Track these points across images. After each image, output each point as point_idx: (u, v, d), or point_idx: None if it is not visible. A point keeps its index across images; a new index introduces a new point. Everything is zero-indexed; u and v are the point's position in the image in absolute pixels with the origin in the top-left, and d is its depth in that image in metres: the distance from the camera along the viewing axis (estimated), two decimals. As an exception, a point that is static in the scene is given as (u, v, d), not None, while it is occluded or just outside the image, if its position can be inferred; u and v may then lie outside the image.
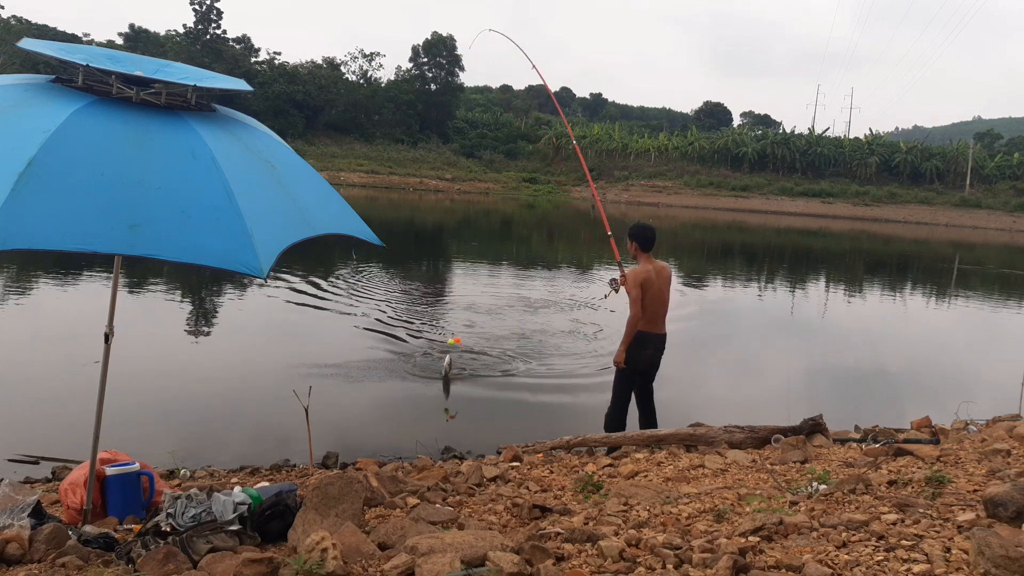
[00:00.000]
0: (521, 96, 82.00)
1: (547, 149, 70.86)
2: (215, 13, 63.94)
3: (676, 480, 4.16)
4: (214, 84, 2.82)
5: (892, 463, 4.07)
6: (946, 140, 76.50)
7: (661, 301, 5.44)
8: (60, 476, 4.74)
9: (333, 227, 2.94)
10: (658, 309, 5.43)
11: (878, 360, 10.24)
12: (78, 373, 6.81)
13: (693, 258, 25.16)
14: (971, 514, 2.71)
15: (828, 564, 2.33)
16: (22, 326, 9.27)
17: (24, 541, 2.82)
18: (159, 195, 2.36)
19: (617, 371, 5.52)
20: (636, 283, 5.30)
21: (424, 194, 52.79)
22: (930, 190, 60.32)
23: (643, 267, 5.40)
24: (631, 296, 5.34)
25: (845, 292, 18.64)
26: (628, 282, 5.39)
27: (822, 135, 69.27)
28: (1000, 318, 15.71)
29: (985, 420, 5.92)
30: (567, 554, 2.62)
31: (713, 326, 12.20)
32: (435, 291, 14.59)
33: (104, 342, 3.16)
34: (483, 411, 6.91)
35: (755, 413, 6.57)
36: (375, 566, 2.52)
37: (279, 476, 4.84)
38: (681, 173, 65.80)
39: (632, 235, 5.47)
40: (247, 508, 3.08)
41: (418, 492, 4.02)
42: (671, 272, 5.60)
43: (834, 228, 45.19)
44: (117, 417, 5.47)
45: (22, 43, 2.76)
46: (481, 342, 9.55)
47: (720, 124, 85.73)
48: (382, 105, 68.30)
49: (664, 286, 5.44)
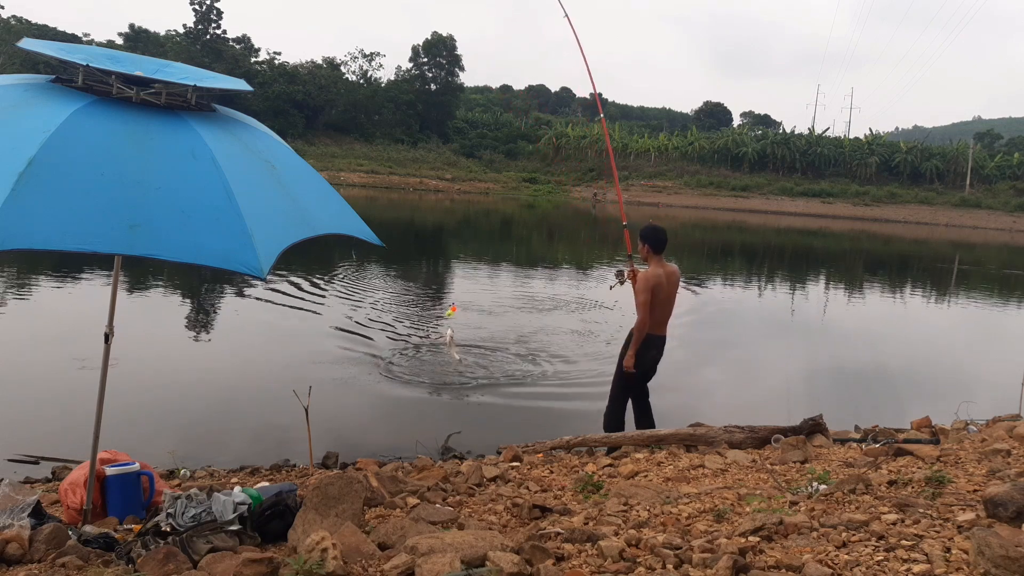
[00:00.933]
0: (521, 96, 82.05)
1: (547, 149, 70.86)
2: (215, 13, 63.95)
3: (676, 480, 4.16)
4: (214, 84, 2.82)
5: (892, 463, 4.07)
6: (946, 140, 76.49)
7: (669, 305, 5.39)
8: (60, 476, 4.74)
9: (333, 227, 2.94)
10: (665, 313, 5.39)
11: (878, 360, 10.24)
12: (78, 373, 6.81)
13: (693, 258, 25.15)
14: (971, 514, 2.71)
15: (828, 564, 2.33)
16: (22, 326, 9.27)
17: (24, 541, 2.82)
18: (159, 195, 2.36)
19: (619, 372, 5.50)
20: (647, 288, 5.22)
21: (424, 194, 52.79)
22: (930, 190, 60.32)
23: (653, 271, 5.31)
24: (640, 300, 5.26)
25: (845, 292, 18.64)
26: (639, 286, 5.31)
27: (822, 135, 69.26)
28: (1000, 318, 15.71)
29: (985, 420, 5.92)
30: (567, 554, 2.62)
31: (713, 326, 12.20)
32: (434, 291, 14.60)
33: (104, 342, 3.16)
34: (483, 411, 6.90)
35: (755, 413, 6.57)
36: (375, 566, 2.52)
37: (279, 476, 4.84)
38: (681, 173, 65.79)
39: (643, 237, 5.37)
40: (247, 508, 3.08)
41: (418, 492, 4.02)
42: (679, 275, 5.56)
43: (834, 228, 45.19)
44: (117, 417, 5.48)
45: (22, 43, 2.76)
46: (481, 342, 9.56)
47: (720, 124, 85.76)
48: (382, 105, 68.31)
49: (672, 290, 5.40)
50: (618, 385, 5.54)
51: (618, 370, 5.52)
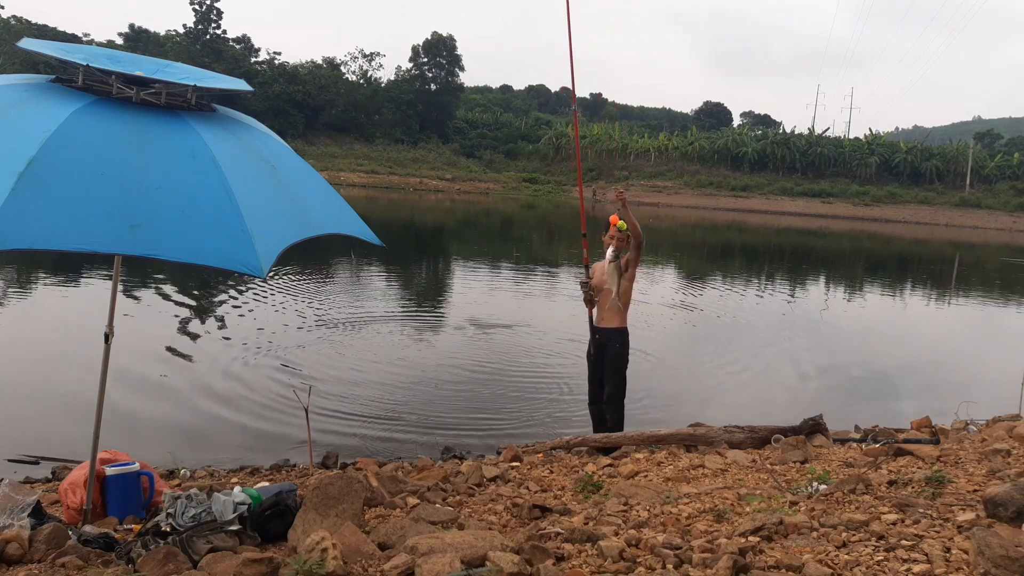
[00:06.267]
0: (521, 96, 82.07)
1: (547, 149, 70.88)
2: (215, 13, 64.03)
3: (676, 480, 4.16)
4: (214, 84, 2.82)
5: (892, 463, 4.07)
6: (946, 140, 76.52)
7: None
8: (60, 476, 4.74)
9: (333, 227, 2.94)
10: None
11: (878, 360, 10.24)
12: (78, 373, 6.81)
13: (694, 258, 25.16)
14: (971, 514, 2.71)
15: (828, 564, 2.33)
16: (22, 326, 9.27)
17: (24, 541, 2.82)
18: (159, 195, 2.36)
19: (626, 362, 5.56)
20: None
21: (424, 194, 52.79)
22: (930, 190, 60.35)
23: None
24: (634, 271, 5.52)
25: (845, 292, 18.64)
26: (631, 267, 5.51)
27: (822, 135, 69.30)
28: (1000, 318, 15.71)
29: (985, 420, 5.92)
30: (567, 554, 2.62)
31: (713, 326, 12.20)
32: (434, 291, 14.60)
33: (104, 342, 3.16)
34: (483, 411, 6.90)
35: (755, 413, 6.58)
36: (375, 566, 2.52)
37: (279, 476, 4.84)
38: (681, 173, 65.84)
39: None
40: (247, 508, 3.09)
41: (418, 492, 4.02)
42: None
43: (834, 228, 45.19)
44: (117, 417, 5.50)
45: (22, 43, 2.76)
46: (480, 343, 9.56)
47: (720, 124, 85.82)
48: (382, 105, 68.35)
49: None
50: (625, 372, 5.57)
51: (626, 359, 5.55)
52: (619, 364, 5.53)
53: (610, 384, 5.54)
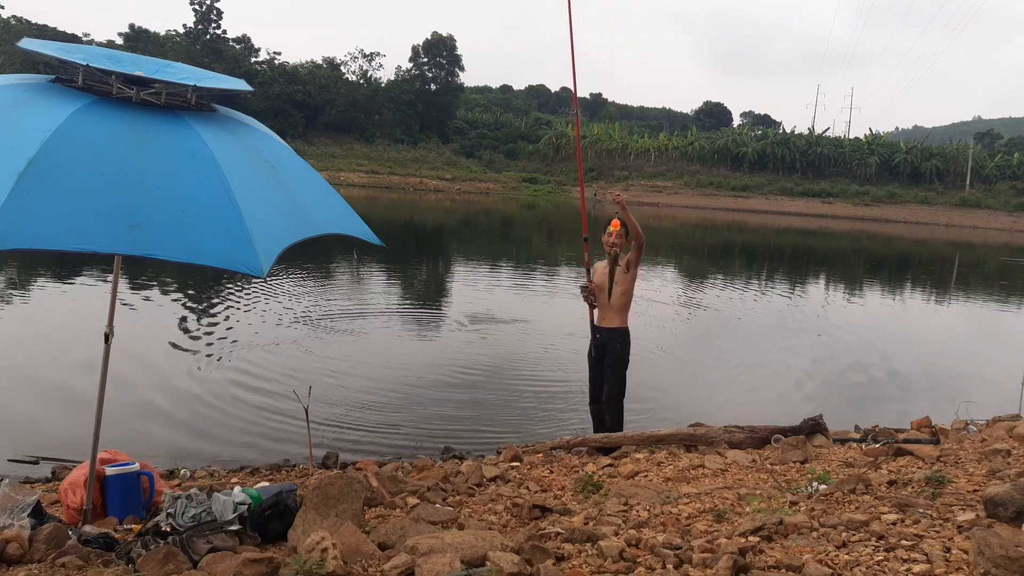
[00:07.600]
0: (521, 96, 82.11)
1: (547, 149, 70.88)
2: (215, 13, 64.05)
3: (676, 480, 4.16)
4: (214, 84, 2.82)
5: (892, 463, 4.07)
6: (946, 140, 76.54)
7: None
8: (60, 476, 4.74)
9: (333, 227, 2.94)
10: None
11: (878, 360, 10.23)
12: (78, 373, 6.81)
13: (694, 258, 25.16)
14: (971, 514, 2.71)
15: (828, 564, 2.33)
16: (22, 326, 9.26)
17: (24, 541, 2.82)
18: (159, 195, 2.36)
19: (627, 362, 5.56)
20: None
21: (424, 194, 52.78)
22: (930, 190, 60.37)
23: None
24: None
25: (845, 292, 18.63)
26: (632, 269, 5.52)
27: (822, 135, 69.32)
28: (1000, 317, 15.70)
29: (985, 420, 5.92)
30: (567, 554, 2.61)
31: (713, 326, 12.19)
32: (433, 291, 14.60)
33: (104, 342, 3.16)
34: (483, 411, 6.90)
35: (755, 413, 6.58)
36: (375, 566, 2.52)
37: (279, 476, 4.84)
38: (681, 173, 65.86)
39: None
40: (247, 508, 3.09)
41: (418, 492, 4.01)
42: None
43: (834, 228, 45.19)
44: (117, 417, 5.50)
45: (22, 43, 2.76)
46: (481, 340, 9.56)
47: (720, 124, 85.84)
48: (382, 105, 68.36)
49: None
50: (625, 373, 5.57)
51: (626, 360, 5.56)
52: (619, 364, 5.53)
53: (609, 384, 5.54)
